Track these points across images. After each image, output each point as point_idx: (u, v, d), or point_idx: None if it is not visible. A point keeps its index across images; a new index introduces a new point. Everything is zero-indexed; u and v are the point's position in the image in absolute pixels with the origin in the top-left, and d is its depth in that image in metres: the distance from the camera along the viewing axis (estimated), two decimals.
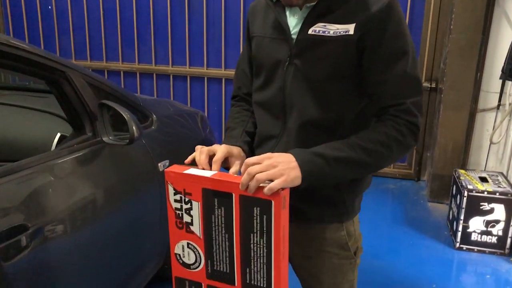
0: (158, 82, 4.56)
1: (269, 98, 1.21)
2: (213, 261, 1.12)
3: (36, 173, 1.44)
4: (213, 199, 1.06)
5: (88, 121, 1.73)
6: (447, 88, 3.37)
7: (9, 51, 1.42)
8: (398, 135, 1.08)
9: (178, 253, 1.16)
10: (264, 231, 1.02)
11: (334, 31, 1.08)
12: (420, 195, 3.76)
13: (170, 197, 1.12)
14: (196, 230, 1.11)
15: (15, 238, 1.23)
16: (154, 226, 2.05)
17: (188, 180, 1.07)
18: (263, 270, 1.06)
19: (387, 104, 1.10)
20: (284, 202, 1.01)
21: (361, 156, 1.07)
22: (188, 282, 1.18)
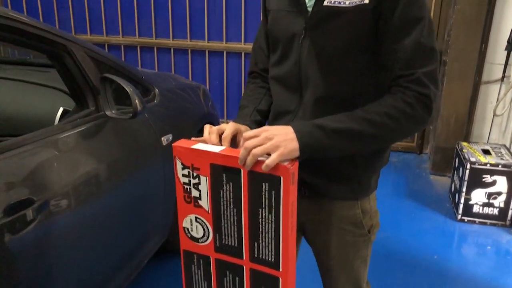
0: (159, 55, 4.52)
1: (285, 73, 1.19)
2: (221, 235, 1.13)
3: (40, 148, 1.43)
4: (221, 174, 1.06)
5: (90, 95, 1.72)
6: (451, 60, 3.34)
7: (9, 24, 1.40)
8: (406, 107, 1.03)
9: (186, 227, 1.17)
10: (273, 206, 1.02)
11: (350, 1, 1.05)
12: (422, 168, 3.78)
13: (178, 171, 1.12)
14: (204, 205, 1.12)
15: (21, 212, 1.24)
16: (158, 200, 2.06)
17: (196, 155, 1.07)
18: (271, 245, 1.06)
19: (397, 74, 1.06)
20: (293, 178, 1.00)
21: (365, 128, 1.03)
22: (196, 255, 1.19)
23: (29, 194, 1.28)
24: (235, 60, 4.30)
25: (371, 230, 1.25)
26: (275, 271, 1.08)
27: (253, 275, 1.13)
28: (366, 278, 1.34)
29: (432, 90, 1.04)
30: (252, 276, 1.13)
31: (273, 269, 1.08)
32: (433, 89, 1.05)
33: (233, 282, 1.17)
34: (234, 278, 1.16)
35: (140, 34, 4.49)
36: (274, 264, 1.08)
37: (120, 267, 1.82)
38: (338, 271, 1.27)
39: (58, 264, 1.44)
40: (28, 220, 1.27)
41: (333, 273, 1.28)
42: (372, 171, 1.21)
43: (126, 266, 1.86)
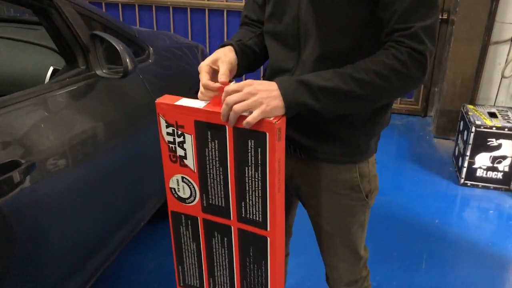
0: (157, 14, 4.39)
1: (282, 28, 1.10)
2: (208, 195, 1.09)
3: (28, 107, 1.38)
4: (206, 132, 1.01)
5: (80, 53, 1.65)
6: (459, 19, 3.21)
7: None
8: (397, 64, 0.95)
9: (173, 187, 1.13)
10: (259, 164, 0.98)
11: None
12: (426, 131, 3.71)
13: (163, 130, 1.07)
14: (190, 164, 1.07)
15: (7, 174, 1.19)
16: (154, 161, 2.01)
17: (180, 112, 1.02)
18: (258, 204, 1.02)
19: (392, 28, 0.97)
20: (280, 134, 0.95)
21: (353, 88, 0.95)
22: (184, 216, 1.16)
23: (16, 156, 1.24)
24: (236, 19, 4.16)
25: (369, 195, 1.20)
26: (263, 231, 1.05)
27: (241, 235, 1.09)
28: (364, 243, 1.30)
29: (428, 47, 0.96)
30: (240, 236, 1.10)
31: (260, 228, 1.05)
32: (429, 46, 0.96)
33: (222, 243, 1.14)
34: (223, 239, 1.13)
35: None
36: (262, 224, 1.04)
37: (117, 230, 1.79)
38: (334, 236, 1.23)
39: (52, 226, 1.41)
40: (14, 182, 1.22)
41: (329, 238, 1.24)
42: (372, 133, 1.15)
43: (122, 229, 1.84)
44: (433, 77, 3.84)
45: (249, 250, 1.10)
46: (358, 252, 1.27)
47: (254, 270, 1.12)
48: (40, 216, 1.35)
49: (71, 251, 1.52)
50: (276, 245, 1.06)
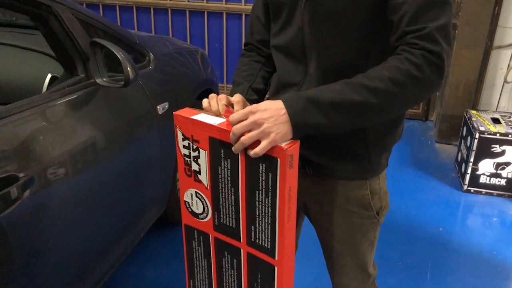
0: (155, 17, 4.33)
1: (287, 41, 1.06)
2: (220, 214, 1.05)
3: (26, 118, 1.33)
4: (219, 150, 0.97)
5: (80, 61, 1.60)
6: (462, 23, 3.18)
7: None
8: (413, 69, 0.87)
9: (187, 200, 1.10)
10: (270, 190, 0.93)
11: None
12: (428, 136, 3.68)
13: (179, 142, 1.04)
14: (203, 180, 1.03)
15: (5, 190, 1.14)
16: (155, 170, 1.98)
17: (196, 126, 0.98)
18: (267, 230, 0.98)
19: (404, 31, 0.89)
20: (291, 161, 0.90)
21: (366, 98, 0.87)
22: (197, 231, 1.12)
23: (14, 170, 1.19)
24: (235, 22, 4.12)
25: (379, 212, 1.16)
26: (271, 259, 1.01)
27: (250, 260, 1.05)
28: (373, 260, 1.26)
29: (444, 48, 0.88)
30: (249, 261, 1.05)
31: (269, 256, 1.01)
32: (445, 47, 0.88)
33: (231, 264, 1.10)
34: (232, 260, 1.09)
35: None
36: (270, 252, 1.00)
37: (118, 239, 1.75)
38: (343, 255, 1.19)
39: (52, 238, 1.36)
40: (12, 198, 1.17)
41: (339, 257, 1.20)
42: (384, 148, 1.11)
43: (124, 237, 1.79)
44: None
45: (257, 275, 1.06)
46: (368, 270, 1.23)
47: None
48: (39, 228, 1.31)
49: (71, 263, 1.48)
50: (283, 275, 1.01)
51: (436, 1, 0.89)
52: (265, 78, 1.17)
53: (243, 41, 1.24)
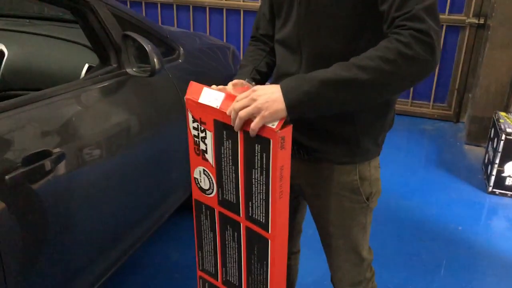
0: (194, 15, 4.50)
1: (286, 34, 1.17)
2: (223, 190, 1.16)
3: (63, 101, 1.49)
4: (222, 131, 1.08)
5: (113, 52, 1.75)
6: (495, 24, 3.16)
7: None
8: (402, 47, 0.91)
9: (196, 177, 1.22)
10: (264, 168, 1.02)
11: None
12: (458, 137, 3.66)
13: (190, 124, 1.16)
14: (209, 159, 1.14)
15: (39, 162, 1.30)
16: (180, 156, 2.10)
17: (203, 109, 1.09)
18: (262, 206, 1.08)
19: (393, 16, 0.95)
20: (283, 142, 0.98)
21: (358, 75, 0.92)
22: (204, 205, 1.24)
23: (48, 146, 1.35)
24: None
25: (369, 197, 1.23)
26: (265, 233, 1.10)
27: (248, 233, 1.15)
28: (368, 245, 1.33)
29: (431, 26, 0.92)
30: (247, 234, 1.16)
31: (263, 230, 1.10)
32: (432, 25, 0.93)
33: (233, 237, 1.21)
34: (233, 233, 1.20)
35: None
36: (265, 225, 1.09)
37: (143, 219, 1.89)
38: (336, 237, 1.27)
39: (81, 212, 1.51)
40: (46, 170, 1.33)
41: (331, 239, 1.28)
42: (373, 135, 1.18)
43: (147, 219, 1.93)
44: (467, 83, 3.78)
45: (254, 248, 1.16)
46: (361, 253, 1.30)
47: (257, 268, 1.18)
48: (70, 202, 1.46)
49: (98, 236, 1.62)
50: (276, 248, 1.11)
51: None
52: (269, 64, 1.28)
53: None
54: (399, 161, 3.26)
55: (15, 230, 1.26)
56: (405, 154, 3.38)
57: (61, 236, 1.43)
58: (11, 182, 1.21)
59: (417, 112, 4.02)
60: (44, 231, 1.37)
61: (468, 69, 3.75)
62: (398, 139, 3.67)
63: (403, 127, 3.85)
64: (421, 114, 4.00)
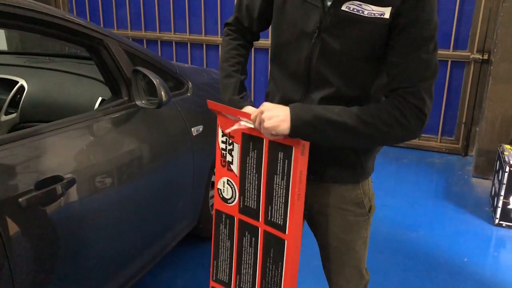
0: (207, 52, 4.68)
1: (293, 64, 1.22)
2: (244, 198, 1.28)
3: (76, 131, 1.60)
4: (249, 143, 1.22)
5: (124, 86, 1.87)
6: (497, 59, 3.23)
7: (55, 21, 1.56)
8: (400, 116, 1.08)
9: (220, 188, 1.34)
10: (285, 173, 1.16)
11: (369, 12, 1.07)
12: (465, 170, 3.68)
13: (219, 138, 1.30)
14: (234, 169, 1.28)
15: (51, 186, 1.39)
16: (186, 186, 2.19)
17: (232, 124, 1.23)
18: (281, 209, 1.19)
19: (398, 86, 1.10)
20: (303, 149, 1.14)
21: (356, 125, 1.08)
22: (225, 215, 1.36)
23: (60, 172, 1.44)
24: None
25: (370, 210, 1.33)
26: (282, 234, 1.21)
27: (265, 237, 1.26)
28: (365, 263, 1.39)
29: (427, 105, 1.10)
30: (265, 238, 1.26)
31: (281, 232, 1.21)
32: (428, 104, 1.10)
33: (250, 242, 1.31)
34: (251, 239, 1.30)
35: (190, 32, 4.68)
36: (282, 227, 1.21)
37: (146, 248, 1.95)
38: (340, 253, 1.34)
39: (89, 236, 1.59)
40: (57, 194, 1.42)
41: (335, 255, 1.35)
42: (370, 156, 1.30)
43: (152, 247, 1.99)
44: (474, 116, 3.83)
45: (270, 251, 1.26)
46: (362, 271, 1.37)
47: (272, 270, 1.27)
48: (78, 226, 1.54)
49: (104, 261, 1.69)
50: (291, 248, 1.21)
51: (428, 66, 1.10)
52: (245, 66, 1.40)
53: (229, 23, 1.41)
54: (407, 193, 3.29)
55: (27, 249, 1.35)
56: (413, 186, 3.41)
57: (69, 258, 1.51)
58: (24, 204, 1.30)
59: (425, 145, 4.06)
60: (53, 251, 1.45)
61: (474, 103, 3.81)
62: (406, 172, 3.71)
63: (412, 161, 3.89)
64: (429, 148, 4.04)
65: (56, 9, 1.66)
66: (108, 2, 4.90)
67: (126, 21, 4.88)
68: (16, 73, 2.40)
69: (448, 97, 3.92)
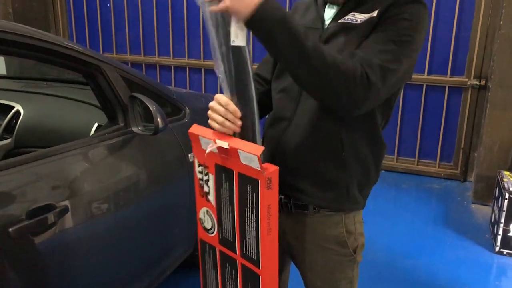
0: (206, 77, 4.70)
1: (289, 83, 1.22)
2: (222, 229, 1.24)
3: (71, 158, 1.58)
4: (221, 174, 1.18)
5: (120, 112, 1.86)
6: (494, 86, 3.25)
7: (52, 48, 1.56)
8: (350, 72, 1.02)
9: (201, 218, 1.31)
10: (254, 206, 1.12)
11: (361, 19, 1.14)
12: (465, 196, 3.65)
13: (196, 168, 1.27)
14: (211, 200, 1.25)
15: (43, 215, 1.36)
16: (182, 213, 2.16)
17: (207, 155, 1.20)
18: (254, 243, 1.15)
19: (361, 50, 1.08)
20: (269, 183, 1.08)
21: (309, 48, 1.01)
22: (208, 245, 1.33)
23: (53, 200, 1.42)
24: None
25: (356, 250, 1.26)
26: (257, 269, 1.16)
27: (243, 270, 1.22)
28: None
29: (376, 80, 1.04)
30: (242, 271, 1.22)
31: (255, 266, 1.17)
32: (377, 83, 1.05)
33: (231, 274, 1.27)
34: (231, 271, 1.26)
35: (189, 56, 4.70)
36: (256, 262, 1.16)
37: (141, 275, 1.91)
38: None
39: (81, 265, 1.55)
40: (49, 223, 1.39)
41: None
42: (361, 183, 1.23)
43: (147, 275, 1.95)
44: (472, 142, 3.82)
45: (248, 285, 1.21)
46: None
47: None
48: (72, 254, 1.51)
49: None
50: (266, 283, 1.16)
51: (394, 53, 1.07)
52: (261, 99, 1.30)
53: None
54: (406, 220, 3.25)
55: (16, 281, 1.31)
56: (411, 212, 3.37)
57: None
58: (14, 234, 1.27)
59: (424, 171, 4.04)
60: (45, 282, 1.41)
61: (472, 128, 3.80)
62: (404, 197, 3.68)
63: (410, 186, 3.86)
64: (428, 173, 4.02)
65: (53, 36, 1.66)
66: (107, 26, 4.93)
67: (125, 46, 4.91)
68: (12, 98, 2.39)
69: (446, 122, 3.92)
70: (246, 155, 1.08)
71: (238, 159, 1.11)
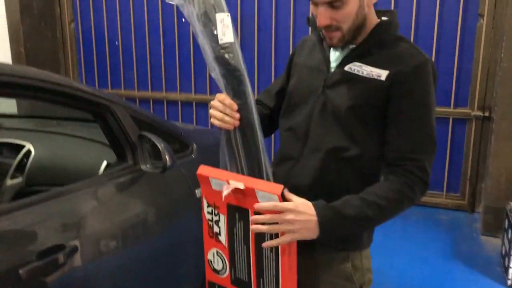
0: None
1: (296, 122, 1.28)
2: (235, 269, 1.24)
3: (79, 197, 1.61)
4: (234, 213, 1.19)
5: (129, 150, 1.89)
6: (498, 118, 3.27)
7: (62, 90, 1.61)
8: (411, 193, 1.16)
9: (210, 259, 1.31)
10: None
11: (368, 72, 1.18)
12: (473, 228, 3.62)
13: (204, 209, 1.28)
14: (222, 240, 1.25)
15: (53, 256, 1.38)
16: (189, 250, 2.16)
17: (218, 195, 1.21)
18: (273, 282, 1.16)
19: (403, 156, 1.17)
20: None
21: (376, 215, 1.15)
22: (218, 286, 1.32)
23: (62, 240, 1.43)
24: None
25: (363, 286, 1.28)
26: None
27: None
28: None
29: (429, 177, 1.19)
30: None
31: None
32: (430, 175, 1.19)
33: None
34: None
35: (196, 91, 4.78)
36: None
37: None
38: None
39: None
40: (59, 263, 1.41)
41: None
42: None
43: None
44: (479, 172, 3.81)
45: None
46: None
47: None
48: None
49: None
50: None
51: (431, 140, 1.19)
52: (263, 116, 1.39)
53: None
54: (414, 252, 3.22)
55: None
56: (419, 245, 3.34)
57: None
58: (24, 276, 1.29)
59: (431, 202, 4.02)
60: None
61: (478, 158, 3.80)
62: (412, 229, 3.65)
63: (417, 217, 3.84)
64: (435, 204, 3.99)
65: (63, 77, 1.72)
66: (116, 64, 5.04)
67: (133, 82, 5.01)
68: (24, 137, 2.44)
69: (451, 153, 3.93)
70: (264, 194, 1.10)
71: (254, 198, 1.12)
